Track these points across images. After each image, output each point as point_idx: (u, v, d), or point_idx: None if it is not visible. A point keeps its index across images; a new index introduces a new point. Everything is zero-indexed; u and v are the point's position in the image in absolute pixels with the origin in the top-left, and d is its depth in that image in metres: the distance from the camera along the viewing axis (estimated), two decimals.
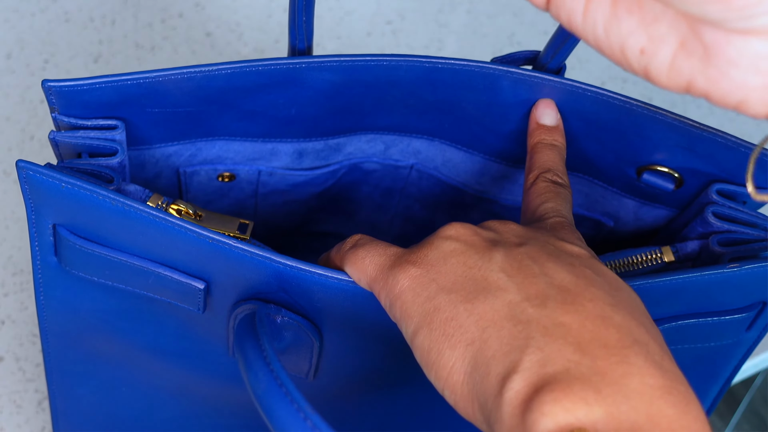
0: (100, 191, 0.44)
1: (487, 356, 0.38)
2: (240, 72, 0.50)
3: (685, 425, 0.35)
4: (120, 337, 0.52)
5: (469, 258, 0.41)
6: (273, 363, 0.40)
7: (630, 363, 0.36)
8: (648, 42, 0.34)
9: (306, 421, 0.37)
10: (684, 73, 0.33)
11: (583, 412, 0.34)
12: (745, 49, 0.31)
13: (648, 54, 0.34)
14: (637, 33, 0.34)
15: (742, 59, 0.32)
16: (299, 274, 0.45)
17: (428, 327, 0.40)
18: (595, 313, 0.38)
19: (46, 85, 0.47)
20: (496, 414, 0.36)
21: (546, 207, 0.47)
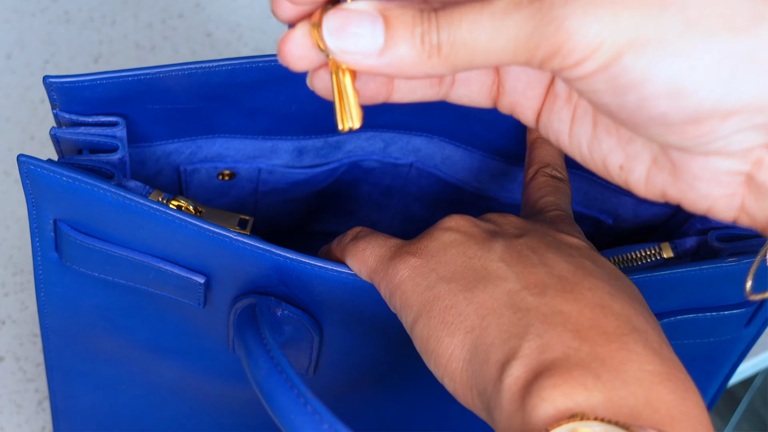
0: (100, 185, 0.44)
1: (487, 343, 0.38)
2: (240, 68, 0.50)
3: (684, 411, 0.35)
4: (120, 333, 0.53)
5: (469, 248, 0.42)
6: (273, 350, 0.40)
7: (629, 350, 0.36)
8: (625, 159, 0.37)
9: (306, 407, 0.37)
10: (658, 185, 0.37)
11: (582, 397, 0.34)
12: (706, 166, 0.34)
13: (626, 170, 0.37)
14: (616, 151, 0.37)
15: (704, 174, 0.35)
16: (299, 266, 0.45)
17: (427, 315, 0.40)
18: (594, 302, 0.38)
19: (47, 81, 0.47)
20: (495, 400, 0.36)
21: (545, 201, 0.48)
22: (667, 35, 0.31)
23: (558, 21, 0.32)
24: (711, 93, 0.32)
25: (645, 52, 0.31)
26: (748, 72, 0.31)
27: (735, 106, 0.32)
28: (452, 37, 0.33)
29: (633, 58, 0.31)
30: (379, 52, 0.34)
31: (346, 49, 0.34)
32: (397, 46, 0.34)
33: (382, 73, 0.34)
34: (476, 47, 0.33)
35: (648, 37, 0.31)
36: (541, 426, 0.34)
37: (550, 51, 0.32)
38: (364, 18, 0.34)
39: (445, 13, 0.33)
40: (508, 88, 0.39)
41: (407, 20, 0.34)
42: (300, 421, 0.37)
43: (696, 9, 0.31)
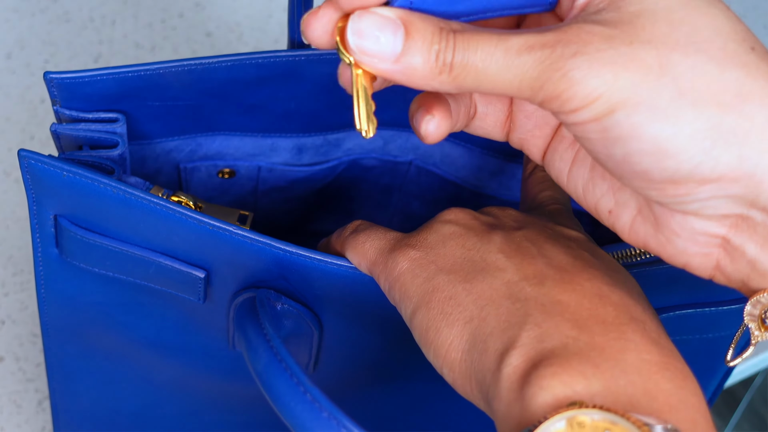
0: (101, 179, 0.45)
1: (485, 333, 0.38)
2: (240, 65, 0.50)
3: (682, 399, 0.35)
4: (121, 330, 0.53)
5: (468, 240, 0.42)
6: (273, 340, 0.40)
7: (627, 339, 0.36)
8: (615, 206, 0.40)
9: (306, 395, 0.37)
10: (640, 235, 0.39)
11: (581, 386, 0.35)
12: (684, 224, 0.37)
13: (614, 215, 0.40)
14: (608, 196, 0.40)
15: (683, 232, 0.37)
16: (299, 260, 0.45)
17: (426, 306, 0.40)
18: (593, 292, 0.38)
19: (48, 77, 0.48)
20: (494, 390, 0.37)
21: (544, 195, 0.48)
22: (659, 100, 0.34)
23: (564, 70, 0.34)
24: (691, 159, 0.34)
25: (636, 111, 0.34)
26: (728, 144, 0.34)
27: (712, 174, 0.34)
28: (465, 60, 0.36)
29: (624, 116, 0.34)
30: (396, 59, 0.36)
31: (365, 50, 0.36)
32: (414, 56, 0.36)
33: (392, 78, 0.37)
34: (485, 75, 0.36)
35: (641, 99, 0.34)
36: (540, 414, 0.34)
37: (552, 95, 0.35)
38: (388, 23, 0.36)
39: (463, 36, 0.36)
40: (518, 125, 0.42)
41: (427, 34, 0.36)
42: (300, 409, 0.37)
43: (689, 81, 0.34)
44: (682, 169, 0.34)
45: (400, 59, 0.36)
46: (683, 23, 0.35)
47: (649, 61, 0.34)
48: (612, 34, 0.35)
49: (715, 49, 0.35)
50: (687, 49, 0.34)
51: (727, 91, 0.34)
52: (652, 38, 0.34)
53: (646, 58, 0.34)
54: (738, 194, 0.35)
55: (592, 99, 0.34)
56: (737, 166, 0.34)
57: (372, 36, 0.36)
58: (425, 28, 0.36)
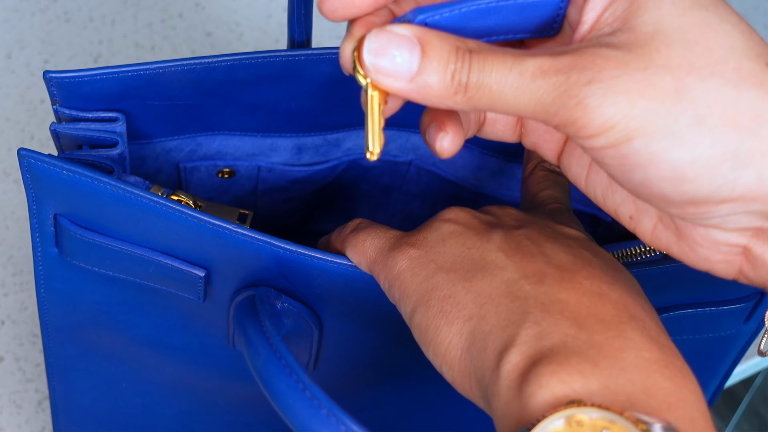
0: (101, 178, 0.45)
1: (485, 331, 0.38)
2: (239, 64, 0.50)
3: (681, 398, 0.35)
4: (121, 330, 0.53)
5: (468, 239, 0.42)
6: (272, 337, 0.40)
7: (626, 337, 0.36)
8: (635, 212, 0.40)
9: (305, 392, 0.37)
10: (662, 241, 0.39)
11: (579, 384, 0.35)
12: (706, 236, 0.37)
13: (635, 221, 0.40)
14: (627, 203, 0.40)
15: (704, 242, 0.38)
16: (299, 258, 0.45)
17: (426, 305, 0.40)
18: (592, 291, 0.38)
19: (47, 77, 0.48)
20: (493, 388, 0.37)
21: (544, 194, 0.48)
22: (676, 127, 0.34)
23: (579, 98, 0.34)
24: (710, 182, 0.34)
25: (653, 139, 0.34)
26: (746, 166, 0.34)
27: (731, 195, 0.35)
28: (480, 81, 0.36)
29: (642, 143, 0.34)
30: (411, 78, 0.36)
31: (381, 69, 0.36)
32: (429, 75, 0.36)
33: (407, 97, 0.37)
34: (500, 97, 0.35)
35: (658, 127, 0.34)
36: (539, 412, 0.34)
37: (567, 121, 0.35)
38: (404, 42, 0.36)
39: (479, 57, 0.36)
40: (530, 130, 0.43)
41: (443, 53, 0.36)
42: (299, 407, 0.37)
43: (705, 106, 0.34)
44: (702, 192, 0.35)
45: (416, 78, 0.36)
46: (697, 44, 0.35)
47: (665, 87, 0.34)
48: (626, 60, 0.34)
49: (730, 71, 0.34)
50: (702, 72, 0.34)
51: (744, 113, 0.34)
52: (667, 62, 0.34)
53: (662, 84, 0.34)
54: (758, 210, 0.35)
55: (608, 127, 0.34)
56: (756, 186, 0.34)
57: (388, 54, 0.36)
58: (441, 47, 0.36)
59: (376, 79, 0.36)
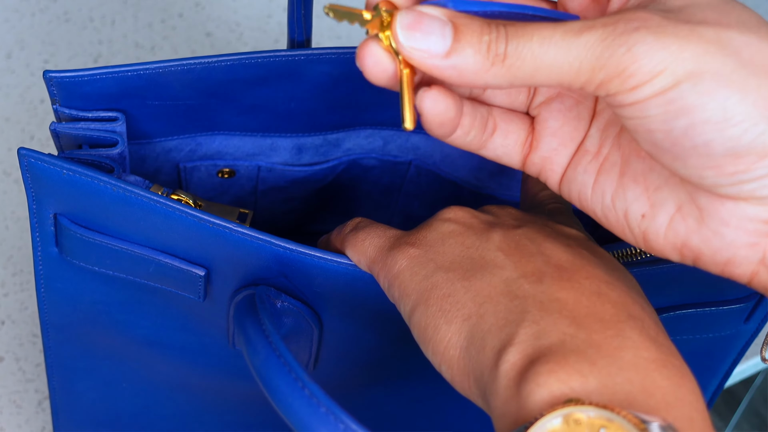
0: (101, 177, 0.45)
1: (483, 330, 0.38)
2: (239, 64, 0.50)
3: (679, 397, 0.35)
4: (121, 329, 0.53)
5: (467, 238, 0.42)
6: (272, 336, 0.40)
7: (625, 336, 0.36)
8: (649, 207, 0.39)
9: (304, 390, 0.37)
10: (680, 233, 0.38)
11: (577, 383, 0.35)
12: (735, 211, 0.36)
13: (648, 218, 0.39)
14: (641, 200, 0.39)
15: (732, 219, 0.37)
16: (299, 257, 0.45)
17: (425, 304, 0.40)
18: (591, 290, 0.38)
19: (47, 76, 0.48)
20: (491, 386, 0.37)
21: (544, 194, 0.48)
22: (723, 69, 0.34)
23: (629, 44, 0.34)
24: (755, 126, 0.34)
25: (701, 81, 0.34)
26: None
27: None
28: (520, 49, 0.35)
29: (690, 86, 0.34)
30: (446, 53, 0.36)
31: (415, 46, 0.36)
32: (464, 49, 0.36)
33: (444, 75, 0.36)
34: (543, 61, 0.35)
35: (706, 69, 0.34)
36: (537, 411, 0.34)
37: (614, 72, 0.35)
38: (434, 20, 0.36)
39: (515, 27, 0.36)
40: (542, 144, 0.42)
41: (475, 28, 0.36)
42: (298, 405, 0.37)
43: (748, 52, 0.35)
44: (745, 138, 0.34)
45: (451, 54, 0.36)
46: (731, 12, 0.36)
47: (709, 37, 0.34)
48: (667, 16, 0.35)
49: (765, 32, 0.35)
50: (741, 28, 0.35)
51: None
52: (705, 20, 0.35)
53: (706, 34, 0.35)
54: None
55: (657, 72, 0.34)
56: None
57: (421, 31, 0.36)
58: (473, 23, 0.36)
59: (411, 55, 0.36)
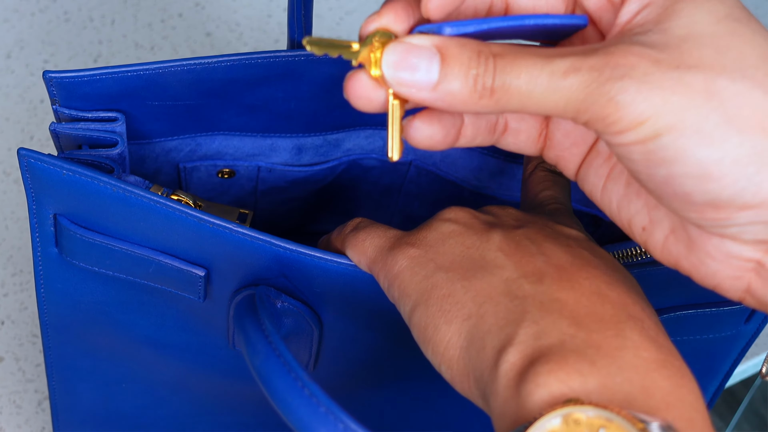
0: (101, 177, 0.45)
1: (483, 330, 0.38)
2: (240, 64, 0.50)
3: (679, 397, 0.35)
4: (121, 330, 0.53)
5: (468, 239, 0.42)
6: (271, 336, 0.40)
7: (625, 337, 0.36)
8: (649, 223, 0.40)
9: (304, 390, 0.37)
10: (672, 253, 0.39)
11: (577, 383, 0.35)
12: (720, 247, 0.37)
13: (647, 232, 0.40)
14: (642, 213, 0.40)
15: (717, 254, 0.37)
16: (299, 257, 0.45)
17: (425, 304, 0.40)
18: (591, 290, 0.38)
19: (47, 77, 0.48)
20: (491, 387, 0.37)
21: (545, 194, 0.48)
22: (705, 124, 0.34)
23: (611, 94, 0.34)
24: (735, 183, 0.34)
25: (682, 135, 0.34)
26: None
27: (754, 200, 0.34)
28: (507, 84, 0.35)
29: (671, 139, 0.34)
30: (433, 87, 0.36)
31: (402, 81, 0.36)
32: (451, 83, 0.36)
33: (433, 105, 0.37)
34: (529, 98, 0.35)
35: (688, 124, 0.34)
36: (536, 411, 0.34)
37: (598, 117, 0.35)
38: (423, 52, 0.36)
39: (504, 60, 0.36)
40: (555, 142, 0.42)
41: (463, 60, 0.36)
42: (298, 405, 0.37)
43: (735, 107, 0.34)
44: (725, 194, 0.35)
45: (438, 87, 0.36)
46: (729, 49, 0.35)
47: (696, 86, 0.34)
48: (659, 58, 0.35)
49: (761, 76, 0.35)
50: (733, 74, 0.34)
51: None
52: (699, 63, 0.35)
53: (693, 83, 0.34)
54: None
55: (639, 122, 0.34)
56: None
57: (407, 66, 0.36)
58: (461, 54, 0.36)
59: (399, 91, 0.37)
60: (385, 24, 0.38)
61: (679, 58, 0.35)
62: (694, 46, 0.35)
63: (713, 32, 0.35)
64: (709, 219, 0.36)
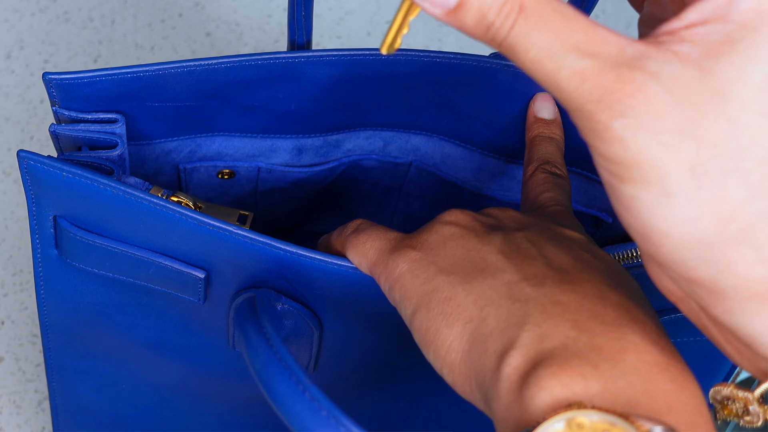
0: (101, 180, 0.45)
1: (485, 333, 0.38)
2: (239, 66, 0.50)
3: (682, 401, 0.35)
4: (120, 331, 0.53)
5: (468, 241, 0.42)
6: (272, 339, 0.40)
7: (627, 340, 0.36)
8: None
9: (305, 393, 0.37)
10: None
11: (580, 386, 0.34)
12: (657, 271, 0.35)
13: None
14: None
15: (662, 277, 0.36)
16: (299, 260, 0.45)
17: (426, 307, 0.40)
18: (593, 293, 0.38)
19: (47, 78, 0.48)
20: (493, 390, 0.37)
21: (545, 196, 0.48)
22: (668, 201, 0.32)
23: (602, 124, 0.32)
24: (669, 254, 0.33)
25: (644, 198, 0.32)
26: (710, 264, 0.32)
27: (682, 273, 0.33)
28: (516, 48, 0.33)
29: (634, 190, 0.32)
30: (448, 12, 0.34)
31: None
32: (465, 17, 0.33)
33: (444, 22, 0.34)
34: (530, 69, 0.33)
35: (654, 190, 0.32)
36: (539, 415, 0.34)
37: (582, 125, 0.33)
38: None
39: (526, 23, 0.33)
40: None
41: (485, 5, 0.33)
42: (299, 408, 0.37)
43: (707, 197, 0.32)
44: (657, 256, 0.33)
45: (452, 14, 0.34)
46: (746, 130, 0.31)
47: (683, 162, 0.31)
48: (666, 112, 0.31)
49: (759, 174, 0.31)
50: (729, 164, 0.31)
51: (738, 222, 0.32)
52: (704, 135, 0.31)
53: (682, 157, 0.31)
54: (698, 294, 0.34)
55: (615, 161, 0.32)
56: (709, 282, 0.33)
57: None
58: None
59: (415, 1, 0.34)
60: None
61: (688, 121, 0.31)
62: (714, 111, 0.31)
63: (750, 101, 0.31)
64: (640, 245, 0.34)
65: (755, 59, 0.31)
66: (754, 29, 0.31)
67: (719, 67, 0.31)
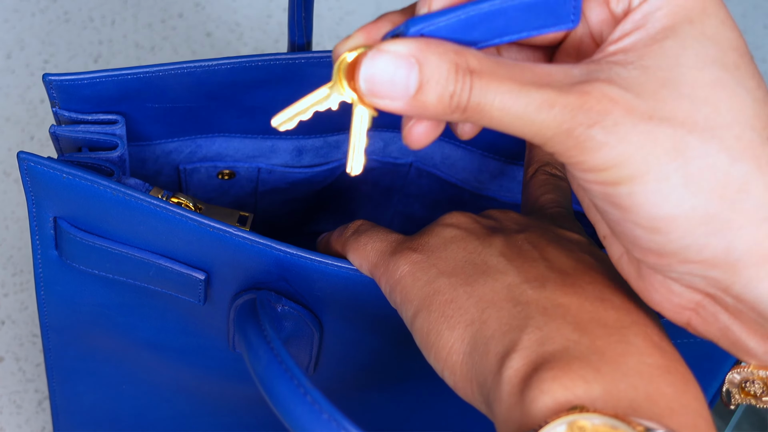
0: (101, 181, 0.45)
1: (486, 336, 0.38)
2: (239, 67, 0.50)
3: (683, 404, 0.35)
4: (121, 332, 0.53)
5: (469, 244, 0.42)
6: (273, 341, 0.40)
7: (629, 342, 0.36)
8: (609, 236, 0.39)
9: (306, 397, 0.37)
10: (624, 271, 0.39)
11: (581, 389, 0.34)
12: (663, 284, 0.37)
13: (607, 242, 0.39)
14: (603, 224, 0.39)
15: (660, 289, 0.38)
16: (300, 261, 0.45)
17: (427, 309, 0.40)
18: (594, 295, 0.38)
19: (47, 79, 0.47)
20: (494, 393, 0.36)
21: (546, 198, 0.48)
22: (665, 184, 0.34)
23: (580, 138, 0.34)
24: (680, 240, 0.35)
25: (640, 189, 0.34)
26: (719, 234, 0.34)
27: (696, 257, 0.35)
28: (481, 106, 0.35)
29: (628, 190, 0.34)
30: (408, 100, 0.35)
31: (377, 93, 0.35)
32: (427, 96, 0.35)
33: (403, 114, 0.36)
34: (500, 121, 0.35)
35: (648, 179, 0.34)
36: (540, 418, 0.34)
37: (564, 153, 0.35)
38: (401, 63, 0.35)
39: (480, 81, 0.35)
40: None
41: (442, 73, 0.35)
42: (299, 411, 0.37)
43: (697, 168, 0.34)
44: (670, 247, 0.35)
45: (413, 99, 0.35)
46: (706, 103, 0.35)
47: (664, 143, 0.34)
48: (633, 105, 0.34)
49: (731, 137, 0.34)
50: (704, 134, 0.34)
51: (732, 184, 0.34)
52: (672, 116, 0.34)
53: (662, 139, 0.34)
54: (714, 277, 0.35)
55: (601, 168, 0.34)
56: (723, 256, 0.35)
57: (385, 79, 0.35)
58: (440, 66, 0.35)
59: (371, 102, 0.35)
60: (356, 43, 0.37)
61: (653, 108, 0.34)
62: (670, 95, 0.34)
63: (695, 80, 0.35)
64: (652, 261, 0.36)
65: (684, 47, 0.35)
66: (672, 28, 0.35)
67: (656, 62, 0.35)
